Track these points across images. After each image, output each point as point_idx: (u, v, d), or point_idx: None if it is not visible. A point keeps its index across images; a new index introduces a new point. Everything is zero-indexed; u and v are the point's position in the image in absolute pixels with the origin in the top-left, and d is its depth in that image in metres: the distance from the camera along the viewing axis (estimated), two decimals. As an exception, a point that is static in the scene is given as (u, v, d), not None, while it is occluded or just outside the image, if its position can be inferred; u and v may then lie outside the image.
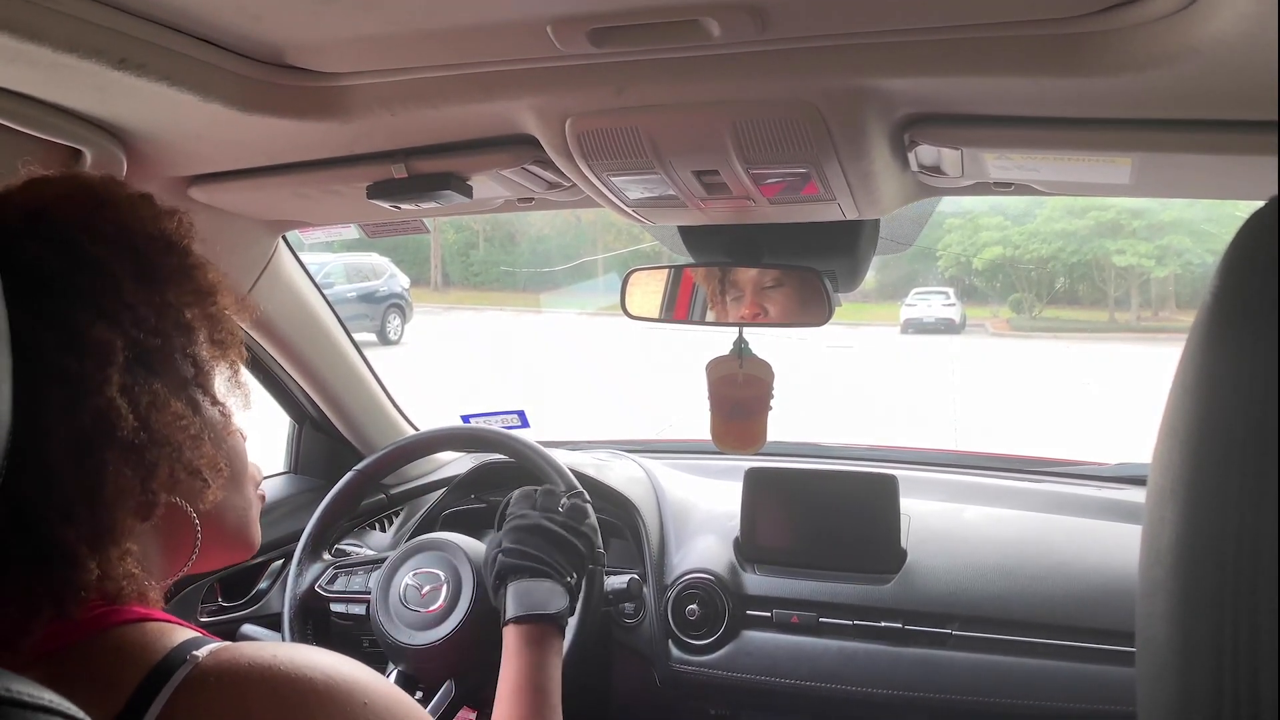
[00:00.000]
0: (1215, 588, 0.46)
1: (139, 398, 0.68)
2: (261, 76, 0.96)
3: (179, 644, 0.64)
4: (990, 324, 21.00)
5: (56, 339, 0.64)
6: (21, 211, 0.69)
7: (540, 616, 1.13)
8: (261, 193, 1.31)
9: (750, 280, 1.47)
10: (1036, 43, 0.80)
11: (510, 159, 1.14)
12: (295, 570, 1.60)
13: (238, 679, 0.62)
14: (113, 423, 0.65)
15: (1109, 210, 19.33)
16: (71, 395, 0.64)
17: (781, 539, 1.69)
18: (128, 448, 0.66)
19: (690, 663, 1.63)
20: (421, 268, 23.48)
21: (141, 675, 0.62)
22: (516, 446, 1.64)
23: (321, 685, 0.63)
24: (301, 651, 0.65)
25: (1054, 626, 1.48)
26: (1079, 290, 22.32)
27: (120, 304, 0.68)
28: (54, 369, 0.64)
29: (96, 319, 0.66)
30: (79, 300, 0.66)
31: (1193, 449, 0.48)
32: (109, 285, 0.68)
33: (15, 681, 0.46)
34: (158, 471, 0.68)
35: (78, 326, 0.65)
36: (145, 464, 0.67)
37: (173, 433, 0.70)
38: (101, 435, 0.65)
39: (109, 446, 0.65)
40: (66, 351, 0.64)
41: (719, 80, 0.90)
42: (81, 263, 0.67)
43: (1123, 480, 1.90)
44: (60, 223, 0.69)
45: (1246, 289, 0.47)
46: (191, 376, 0.75)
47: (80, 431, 0.64)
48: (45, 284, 0.65)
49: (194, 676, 0.61)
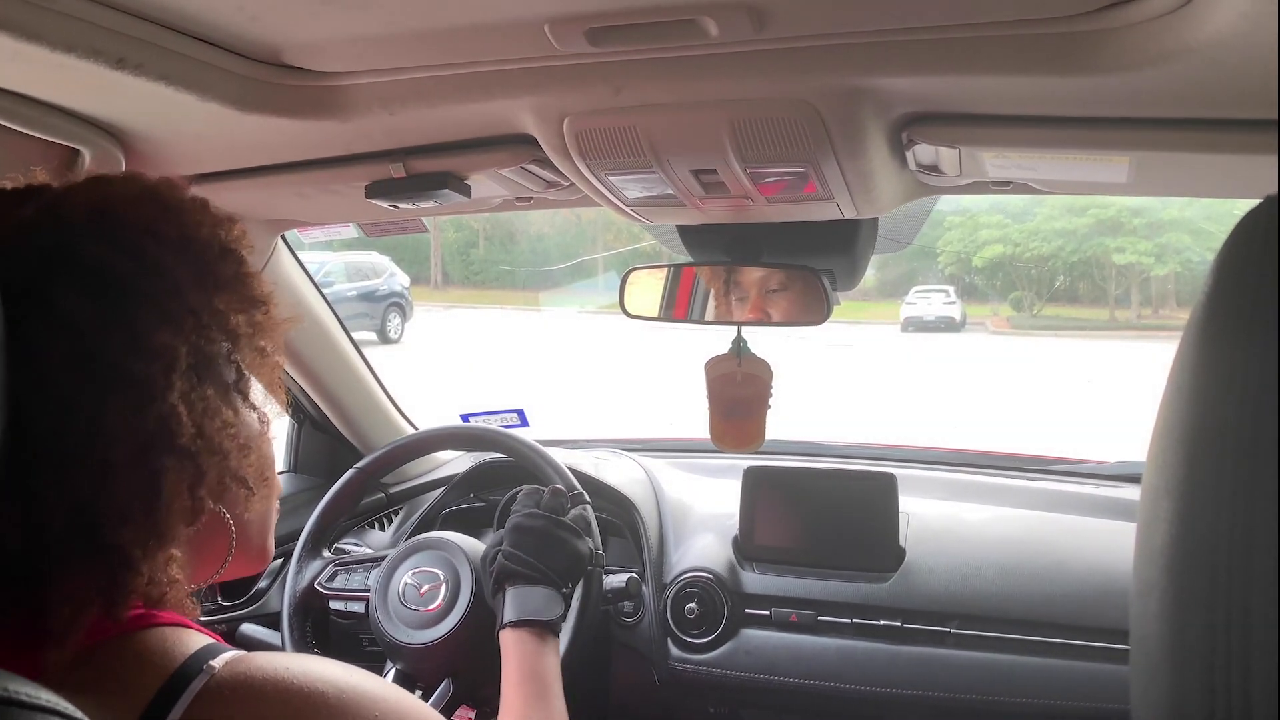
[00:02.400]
0: (1208, 586, 0.46)
1: (195, 404, 0.68)
2: (260, 76, 0.96)
3: (195, 651, 0.65)
4: (991, 322, 20.98)
5: (122, 342, 0.64)
6: (87, 210, 0.69)
7: (535, 623, 1.15)
8: (260, 192, 1.32)
9: (749, 279, 1.47)
10: (1034, 42, 0.80)
11: (508, 158, 1.14)
12: (295, 568, 1.60)
13: (252, 692, 0.62)
14: (173, 429, 0.66)
15: (1109, 208, 19.31)
16: (136, 400, 0.64)
17: (780, 537, 1.69)
18: (184, 454, 0.67)
19: (689, 661, 1.63)
20: (422, 266, 23.47)
21: (159, 683, 0.62)
22: (516, 445, 1.64)
23: (333, 698, 0.64)
24: (313, 664, 0.66)
25: (1053, 625, 1.48)
26: (1079, 288, 22.30)
27: (184, 309, 0.69)
28: (119, 372, 0.64)
29: (161, 324, 0.67)
30: (145, 304, 0.66)
31: (1187, 447, 0.48)
32: (172, 290, 0.68)
33: (13, 681, 0.46)
34: (206, 478, 0.69)
35: (143, 330, 0.66)
36: (197, 470, 0.68)
37: (223, 440, 0.71)
38: (162, 440, 0.65)
39: (168, 452, 0.66)
40: (132, 355, 0.65)
41: (717, 79, 0.90)
42: (146, 266, 0.68)
43: (1122, 478, 1.90)
44: (126, 224, 0.69)
45: (1241, 288, 0.47)
46: (233, 382, 0.75)
47: (143, 436, 0.65)
48: (111, 285, 0.66)
49: (210, 688, 0.62)
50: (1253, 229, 0.47)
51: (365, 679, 0.68)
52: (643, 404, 9.62)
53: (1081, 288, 22.25)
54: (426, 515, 1.92)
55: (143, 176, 0.75)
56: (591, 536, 1.31)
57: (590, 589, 1.42)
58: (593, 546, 1.30)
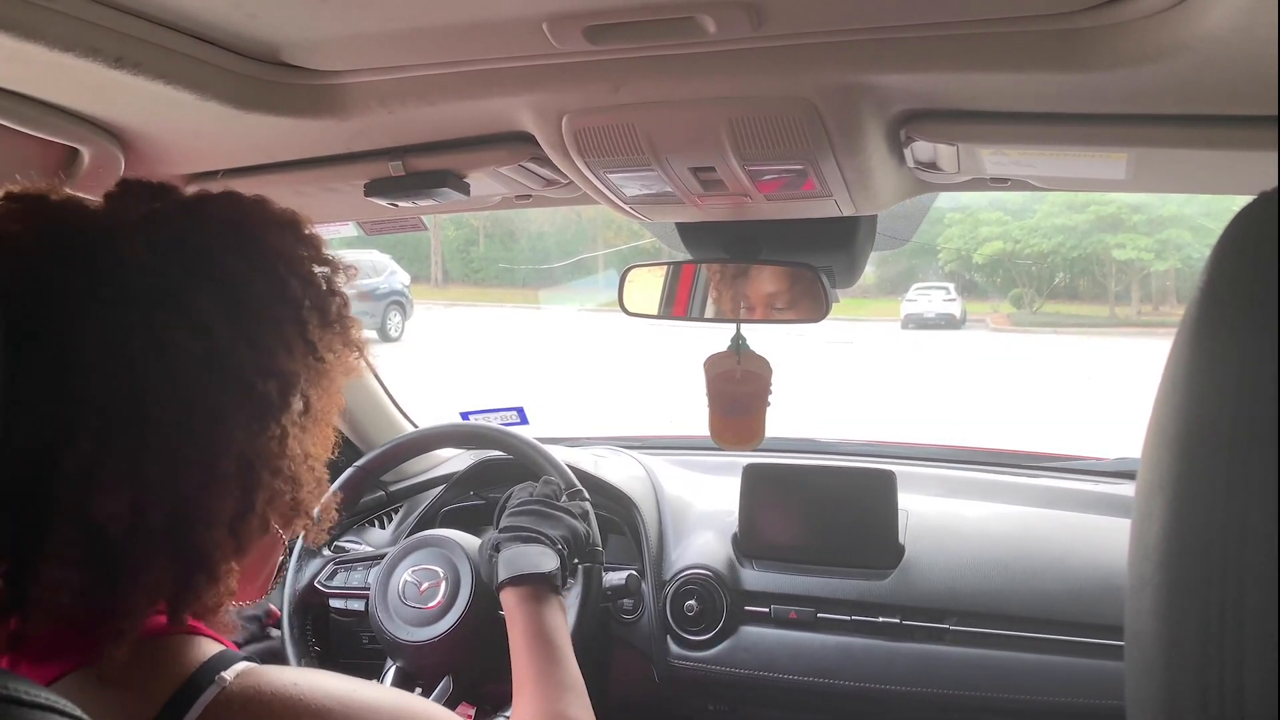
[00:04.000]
0: (1202, 582, 0.46)
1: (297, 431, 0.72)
2: (258, 74, 0.96)
3: (208, 660, 0.66)
4: (991, 319, 20.98)
5: (254, 358, 0.67)
6: (223, 221, 0.72)
7: (531, 576, 1.13)
8: (259, 190, 1.30)
9: (748, 276, 1.47)
10: (1032, 38, 0.80)
11: (507, 156, 1.15)
12: (295, 566, 1.60)
13: (261, 706, 0.64)
14: (278, 449, 0.69)
15: (1109, 205, 19.29)
16: (256, 415, 0.67)
17: (780, 535, 1.69)
18: (277, 474, 0.70)
19: (688, 658, 1.63)
20: (422, 264, 23.46)
21: (170, 691, 0.64)
22: (515, 443, 1.64)
23: (339, 714, 0.65)
24: (321, 678, 0.68)
25: (1051, 621, 1.48)
26: (1079, 285, 22.29)
27: (302, 340, 0.72)
28: (246, 385, 0.67)
29: (284, 349, 0.70)
30: (274, 326, 0.69)
31: (1181, 443, 0.48)
32: (298, 319, 0.72)
33: (12, 680, 0.46)
34: (280, 502, 0.72)
35: (272, 350, 0.68)
36: (275, 492, 0.71)
37: (303, 470, 0.73)
38: (266, 458, 0.68)
39: (267, 470, 0.69)
40: (260, 373, 0.67)
41: (715, 77, 0.90)
42: (281, 292, 0.71)
43: (1121, 475, 1.90)
44: (265, 247, 0.72)
45: (1237, 283, 0.47)
46: (300, 415, 0.76)
47: (253, 451, 0.67)
48: (246, 302, 0.68)
49: (220, 700, 0.63)
50: (1248, 224, 0.47)
51: (371, 691, 0.69)
52: (642, 402, 9.62)
53: (1081, 284, 22.25)
54: (426, 513, 1.92)
55: (272, 202, 0.78)
56: (590, 529, 1.32)
57: (590, 586, 1.42)
58: (591, 537, 1.30)
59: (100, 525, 0.62)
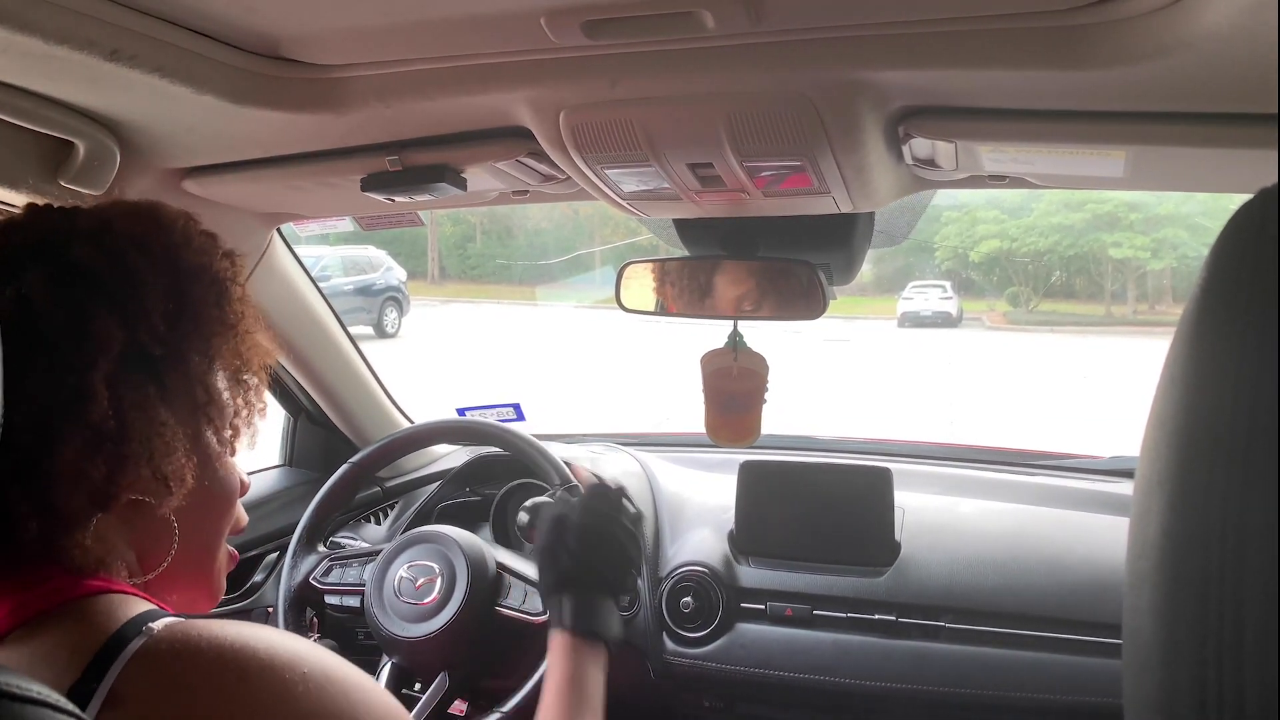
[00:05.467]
0: (1200, 580, 0.46)
1: (123, 391, 0.72)
2: (255, 68, 0.96)
3: (136, 615, 0.67)
4: (987, 317, 21.02)
5: (65, 322, 0.70)
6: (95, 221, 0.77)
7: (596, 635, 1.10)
8: (256, 185, 1.31)
9: (745, 273, 1.47)
10: (1030, 36, 0.80)
11: (504, 151, 1.14)
12: (290, 562, 1.60)
13: (185, 650, 0.64)
14: (85, 405, 0.70)
15: (1106, 203, 19.33)
16: (53, 371, 0.69)
17: (776, 532, 1.69)
18: (96, 433, 0.70)
19: (684, 655, 1.63)
20: (419, 260, 23.45)
21: (99, 644, 0.64)
22: (512, 440, 1.64)
23: (264, 656, 0.66)
24: (249, 627, 0.68)
25: (1047, 619, 1.48)
26: (1075, 284, 22.34)
27: (139, 308, 0.74)
28: (49, 347, 0.69)
29: (109, 313, 0.72)
30: (101, 295, 0.72)
31: (1180, 441, 0.48)
32: (134, 291, 0.74)
33: (4, 674, 0.46)
34: (126, 466, 0.72)
35: (88, 315, 0.71)
36: (115, 456, 0.71)
37: (149, 434, 0.74)
38: (69, 414, 0.69)
39: (75, 427, 0.69)
40: (66, 334, 0.70)
41: (713, 73, 0.90)
42: (119, 268, 0.74)
43: (1117, 473, 1.91)
44: (118, 234, 0.76)
45: (1235, 281, 0.47)
46: (203, 403, 0.79)
47: (50, 406, 0.69)
48: (80, 278, 0.72)
49: (146, 646, 0.64)
50: (1247, 222, 0.47)
51: (298, 643, 0.70)
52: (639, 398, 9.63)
53: (1078, 283, 22.30)
54: (422, 509, 1.92)
55: (162, 206, 0.81)
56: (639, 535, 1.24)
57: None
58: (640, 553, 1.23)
59: None
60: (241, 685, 0.64)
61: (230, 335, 0.81)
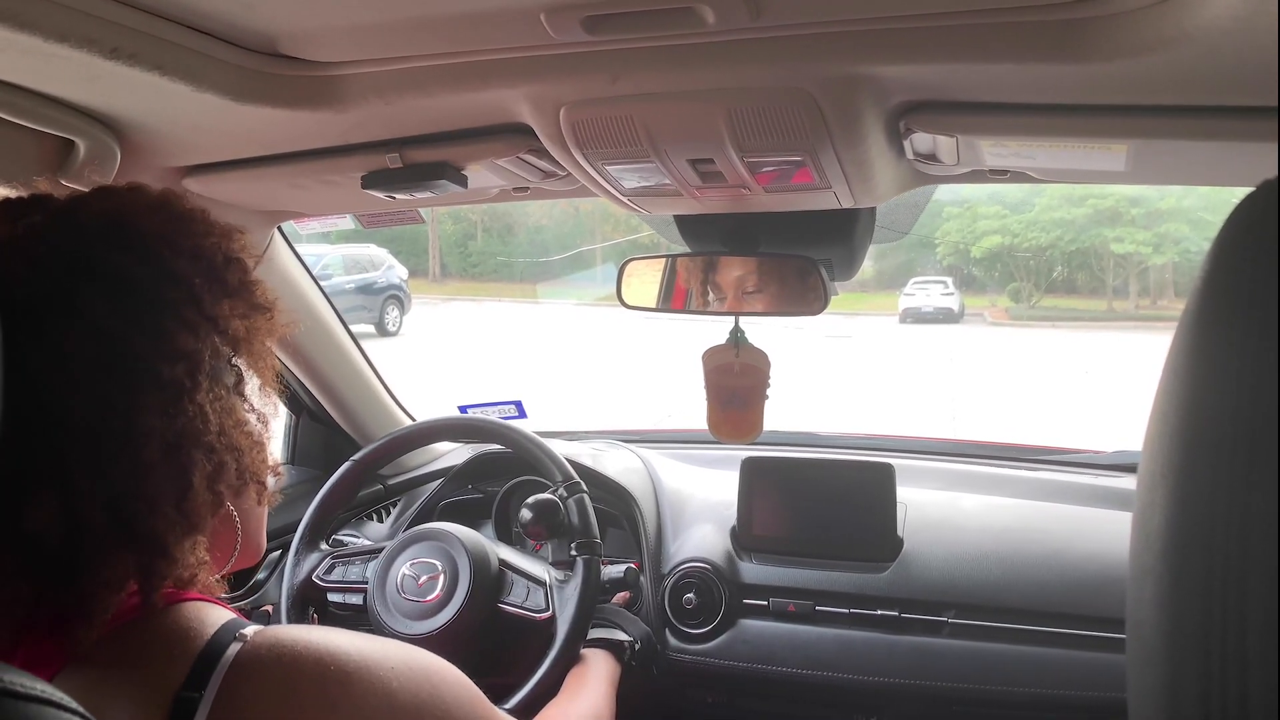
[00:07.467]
0: (1204, 573, 0.46)
1: (215, 404, 0.73)
2: (255, 66, 0.95)
3: (224, 623, 0.69)
4: (989, 313, 21.00)
5: (153, 346, 0.69)
6: (100, 218, 0.72)
7: None
8: (256, 183, 1.31)
9: (746, 269, 1.47)
10: (1031, 29, 0.79)
11: (505, 148, 1.14)
12: (293, 560, 1.60)
13: (286, 655, 0.67)
14: (200, 427, 0.71)
15: (1107, 198, 19.32)
16: (167, 400, 0.69)
17: (778, 528, 1.69)
18: (209, 450, 0.72)
19: (687, 651, 1.63)
20: (420, 259, 23.45)
21: (196, 651, 0.66)
22: (513, 437, 1.64)
23: (357, 657, 0.69)
24: (325, 631, 0.71)
25: (1049, 614, 1.48)
26: (1077, 279, 22.32)
27: (200, 315, 0.73)
28: (150, 375, 0.68)
29: (182, 328, 0.71)
30: (166, 310, 0.71)
31: (1183, 434, 0.48)
32: (189, 297, 0.73)
33: (9, 672, 0.46)
34: (225, 473, 0.74)
35: (168, 335, 0.70)
36: (220, 465, 0.73)
37: (238, 437, 0.76)
38: (191, 437, 0.70)
39: (195, 447, 0.70)
40: (160, 359, 0.69)
41: (713, 68, 0.89)
42: (164, 274, 0.72)
43: (1119, 468, 1.91)
44: (142, 233, 0.73)
45: (1238, 274, 0.47)
46: (233, 384, 0.80)
47: (174, 434, 0.69)
48: (133, 292, 0.70)
49: (246, 653, 0.66)
50: (1249, 215, 0.47)
51: (371, 640, 0.73)
52: (641, 395, 9.63)
53: (1080, 278, 22.28)
54: (425, 507, 1.92)
55: (148, 188, 0.79)
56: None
57: (589, 579, 1.42)
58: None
59: (36, 535, 0.64)
60: (344, 687, 0.67)
61: (258, 314, 0.81)
